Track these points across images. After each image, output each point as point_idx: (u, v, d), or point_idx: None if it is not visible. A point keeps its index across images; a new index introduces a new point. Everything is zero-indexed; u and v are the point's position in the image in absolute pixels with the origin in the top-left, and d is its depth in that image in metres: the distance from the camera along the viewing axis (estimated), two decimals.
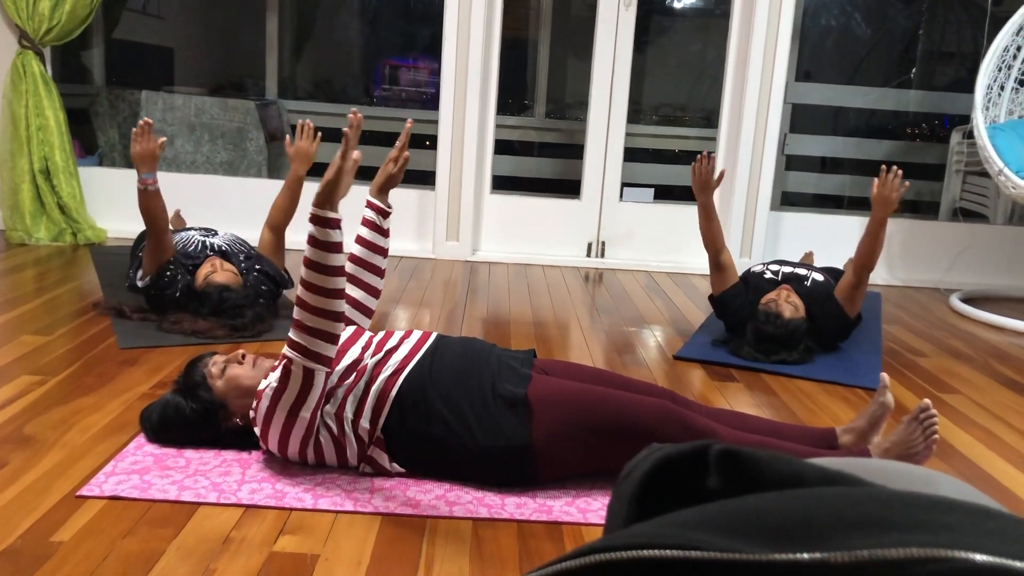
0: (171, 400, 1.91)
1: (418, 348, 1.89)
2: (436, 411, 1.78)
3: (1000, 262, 4.49)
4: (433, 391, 1.79)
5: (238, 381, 1.87)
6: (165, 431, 1.90)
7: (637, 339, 3.04)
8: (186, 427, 1.89)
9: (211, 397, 1.87)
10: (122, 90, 5.04)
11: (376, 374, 1.81)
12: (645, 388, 1.99)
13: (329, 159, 1.78)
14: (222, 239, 3.07)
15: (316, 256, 1.67)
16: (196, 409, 1.87)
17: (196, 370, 1.91)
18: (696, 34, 5.53)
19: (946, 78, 5.43)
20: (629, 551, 0.37)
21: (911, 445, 1.84)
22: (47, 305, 2.97)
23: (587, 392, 1.81)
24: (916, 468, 0.50)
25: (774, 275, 3.06)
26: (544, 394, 1.79)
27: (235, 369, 1.88)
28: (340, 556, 1.52)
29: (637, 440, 1.75)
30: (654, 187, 4.63)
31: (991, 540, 0.34)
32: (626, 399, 1.80)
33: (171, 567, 1.45)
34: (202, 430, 1.89)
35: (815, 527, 0.36)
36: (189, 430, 1.89)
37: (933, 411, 1.84)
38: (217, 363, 1.90)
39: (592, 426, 1.77)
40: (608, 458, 1.80)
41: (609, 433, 1.77)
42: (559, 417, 1.77)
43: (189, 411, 1.87)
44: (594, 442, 1.78)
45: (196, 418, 1.88)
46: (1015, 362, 3.04)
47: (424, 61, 5.57)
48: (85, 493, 1.68)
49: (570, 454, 1.79)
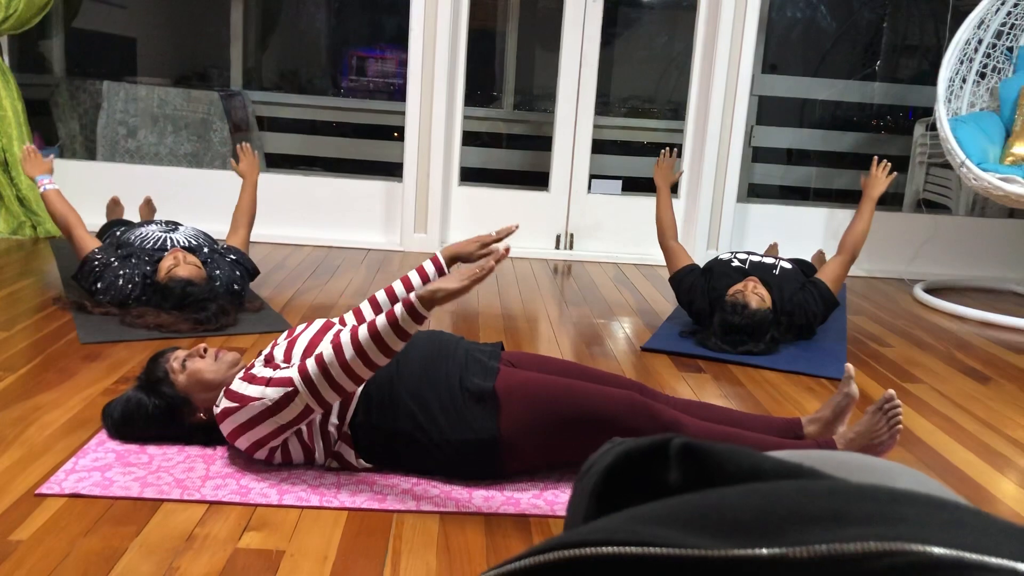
0: (133, 396, 1.88)
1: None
2: (403, 406, 1.77)
3: (962, 253, 4.56)
4: (400, 386, 1.78)
5: (201, 375, 1.85)
6: (127, 427, 1.87)
7: (605, 331, 3.05)
8: (149, 423, 1.86)
9: (174, 392, 1.85)
10: (83, 80, 4.95)
11: None
12: (613, 380, 2.00)
13: (298, 149, 1.74)
14: (183, 234, 3.02)
15: (389, 339, 1.61)
16: (159, 405, 1.85)
17: (158, 365, 1.88)
18: (663, 26, 5.55)
19: (910, 71, 5.49)
20: (587, 548, 0.36)
21: (875, 435, 1.86)
22: (7, 299, 2.91)
23: (554, 384, 1.81)
24: (876, 460, 0.51)
25: (741, 263, 3.09)
26: (511, 387, 1.79)
27: (197, 363, 1.86)
28: (306, 552, 1.50)
29: (604, 431, 1.75)
30: (622, 179, 4.64)
31: (948, 532, 0.34)
32: (593, 390, 1.80)
33: (133, 565, 1.43)
34: (165, 426, 1.87)
35: (774, 522, 0.36)
36: (152, 426, 1.86)
37: (897, 401, 1.86)
38: (179, 358, 1.88)
39: (559, 418, 1.76)
40: (576, 450, 1.79)
41: (576, 425, 1.76)
42: (526, 409, 1.76)
43: (152, 407, 1.85)
44: (561, 434, 1.77)
45: (159, 414, 1.85)
46: (976, 351, 3.09)
47: (392, 52, 5.54)
48: (45, 491, 1.65)
49: (537, 447, 1.78)
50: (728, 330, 2.76)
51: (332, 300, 3.22)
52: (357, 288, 3.43)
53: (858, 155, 5.39)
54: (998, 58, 4.01)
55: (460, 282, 1.61)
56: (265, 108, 5.36)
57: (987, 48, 3.98)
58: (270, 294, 3.23)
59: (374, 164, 5.22)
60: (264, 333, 2.73)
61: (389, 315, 1.60)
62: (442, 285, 1.61)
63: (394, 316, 1.60)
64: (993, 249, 4.56)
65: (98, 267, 2.80)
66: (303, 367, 1.65)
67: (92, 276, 2.80)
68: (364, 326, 1.63)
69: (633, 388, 1.99)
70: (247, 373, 1.74)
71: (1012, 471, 2.06)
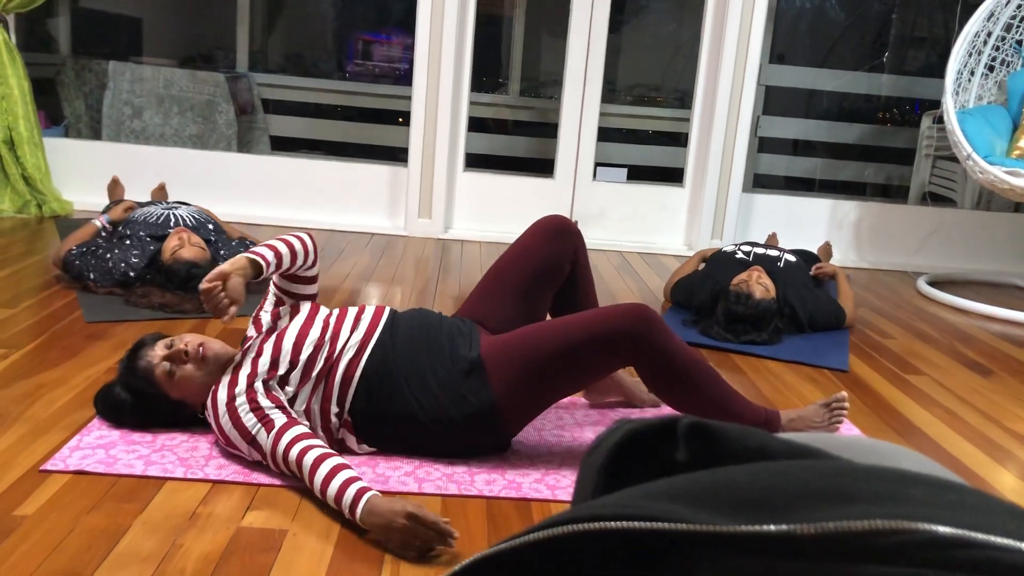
0: (120, 395, 1.83)
1: (375, 325, 1.84)
2: (401, 388, 1.77)
3: (967, 246, 4.55)
4: (395, 368, 1.78)
5: (191, 383, 1.79)
6: (118, 420, 1.86)
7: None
8: (139, 418, 1.85)
9: (159, 393, 1.80)
10: (89, 60, 4.95)
11: (337, 361, 1.78)
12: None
13: (303, 132, 1.74)
14: (187, 211, 3.02)
15: (312, 489, 1.60)
16: (147, 408, 1.83)
17: (137, 371, 1.80)
18: (671, 14, 5.53)
19: (918, 63, 5.47)
20: (596, 523, 0.37)
21: (814, 424, 1.94)
22: (11, 278, 2.92)
23: (533, 330, 1.79)
24: (883, 443, 0.51)
25: (745, 255, 3.09)
26: (494, 350, 1.78)
27: (184, 370, 1.78)
28: (308, 532, 1.51)
29: (600, 349, 1.71)
30: (627, 167, 4.63)
31: (953, 512, 0.34)
32: (573, 317, 1.78)
33: (137, 542, 1.44)
34: (153, 419, 1.85)
35: (781, 499, 0.36)
36: (143, 421, 1.86)
37: (845, 405, 1.94)
38: (163, 368, 1.78)
39: (548, 356, 1.73)
40: (578, 380, 1.78)
41: (569, 355, 1.72)
42: (515, 365, 1.75)
43: (139, 408, 1.83)
44: (557, 373, 1.74)
45: (149, 413, 1.84)
46: (979, 345, 3.09)
47: (398, 36, 5.52)
48: (49, 467, 1.66)
49: (537, 396, 1.78)
50: (732, 319, 2.76)
51: (336, 283, 3.23)
52: (361, 272, 3.44)
53: (864, 147, 5.38)
54: (1007, 51, 4.00)
55: (407, 547, 1.46)
56: (270, 90, 5.35)
57: (996, 41, 3.96)
58: None
59: (379, 148, 5.22)
60: None
61: (337, 496, 1.52)
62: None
63: (329, 494, 1.53)
64: (998, 243, 4.56)
65: (79, 262, 2.79)
66: (276, 455, 1.64)
67: (76, 270, 2.79)
68: (319, 484, 1.55)
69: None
70: (250, 393, 1.70)
71: (1012, 463, 2.07)
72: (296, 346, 1.78)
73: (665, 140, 5.33)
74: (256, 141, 5.22)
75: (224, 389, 1.73)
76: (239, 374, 1.73)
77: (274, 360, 1.75)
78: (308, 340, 1.79)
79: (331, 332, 1.82)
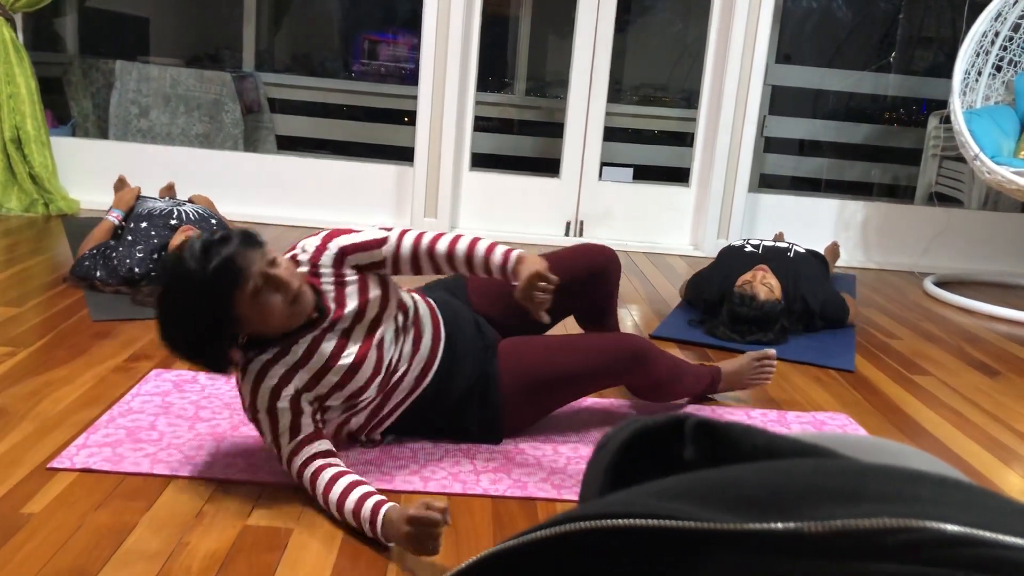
0: (192, 271, 1.49)
1: (433, 359, 1.82)
2: (435, 402, 1.85)
3: (974, 247, 4.54)
4: (443, 393, 1.85)
5: (268, 313, 1.55)
6: (162, 298, 1.55)
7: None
8: (183, 312, 1.54)
9: (228, 298, 1.52)
10: (96, 59, 4.96)
11: (388, 396, 1.78)
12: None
13: (309, 132, 1.72)
14: (191, 208, 3.04)
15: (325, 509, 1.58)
16: (203, 306, 1.52)
17: (233, 263, 1.50)
18: (677, 14, 5.52)
19: (925, 63, 5.46)
20: (604, 520, 0.37)
21: (744, 377, 2.23)
22: (18, 276, 2.93)
23: (544, 348, 1.92)
24: (890, 442, 0.51)
25: (755, 248, 3.08)
26: (508, 359, 1.90)
27: (272, 299, 1.55)
28: (314, 531, 1.51)
29: (604, 379, 1.94)
30: (633, 167, 4.63)
31: (961, 511, 0.34)
32: (587, 345, 1.93)
33: (143, 540, 1.44)
34: (186, 335, 1.56)
35: (789, 498, 0.36)
36: (182, 318, 1.55)
37: (772, 363, 2.23)
38: (257, 280, 1.52)
39: (552, 375, 1.90)
40: (579, 394, 1.98)
41: (571, 378, 1.91)
42: (522, 380, 1.89)
43: (197, 299, 1.51)
44: (558, 389, 1.93)
45: (196, 314, 1.53)
46: (986, 345, 3.08)
47: (404, 36, 5.53)
48: (56, 465, 1.66)
49: (539, 405, 1.94)
50: (736, 321, 2.76)
51: None
52: None
53: (871, 147, 5.37)
54: (1015, 51, 3.99)
55: (420, 549, 1.41)
56: (277, 90, 5.36)
57: (1004, 41, 3.95)
58: None
59: (385, 148, 5.22)
60: None
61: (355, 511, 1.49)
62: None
63: (344, 512, 1.51)
64: (1005, 243, 4.54)
65: (88, 262, 2.80)
66: (293, 465, 1.59)
67: (85, 271, 2.80)
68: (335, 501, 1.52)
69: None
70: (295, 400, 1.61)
71: (1019, 464, 2.06)
72: (353, 393, 1.70)
73: (671, 140, 5.32)
74: (262, 140, 5.23)
75: (277, 373, 1.61)
76: (297, 373, 1.63)
77: (328, 395, 1.67)
78: (365, 381, 1.70)
79: (386, 370, 1.73)
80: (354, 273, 1.72)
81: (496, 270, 1.72)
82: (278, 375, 1.61)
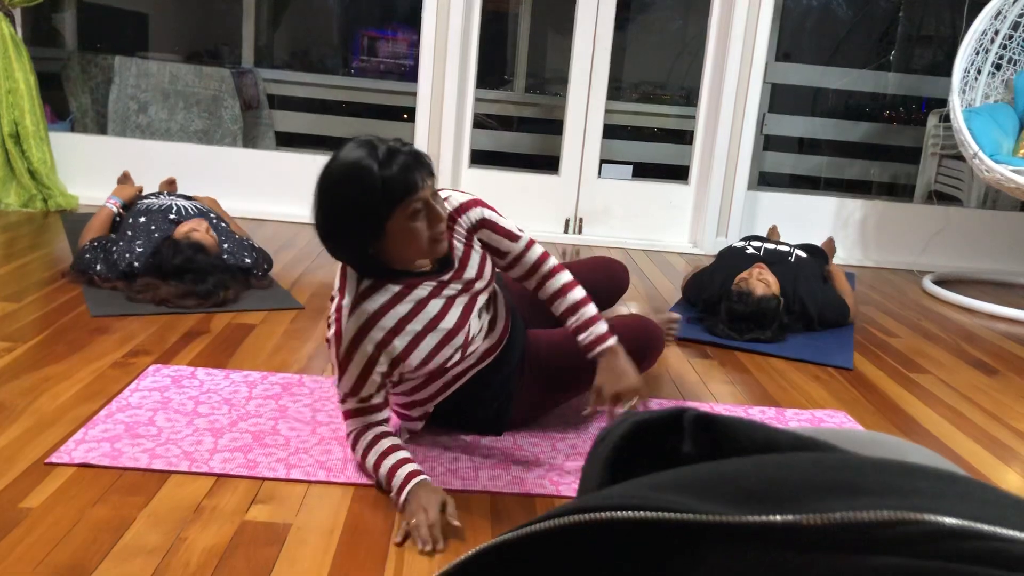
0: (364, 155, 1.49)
1: (503, 336, 1.85)
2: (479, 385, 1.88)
3: (973, 245, 4.54)
4: (496, 373, 1.87)
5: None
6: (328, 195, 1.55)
7: (613, 315, 3.05)
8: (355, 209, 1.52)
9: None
10: (94, 55, 4.95)
11: (457, 372, 1.80)
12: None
13: (308, 128, 1.72)
14: (191, 204, 3.05)
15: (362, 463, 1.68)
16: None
17: (408, 181, 1.49)
18: (677, 12, 5.52)
19: (924, 61, 5.46)
20: (602, 513, 0.37)
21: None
22: (17, 272, 2.93)
23: (559, 344, 1.95)
24: (888, 437, 0.51)
25: (755, 251, 3.08)
26: (529, 350, 1.93)
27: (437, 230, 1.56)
28: (312, 526, 1.52)
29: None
30: (633, 164, 4.63)
31: (959, 504, 0.34)
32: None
33: (141, 535, 1.44)
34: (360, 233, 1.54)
35: (788, 491, 0.36)
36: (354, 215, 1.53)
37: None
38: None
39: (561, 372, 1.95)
40: (578, 392, 2.02)
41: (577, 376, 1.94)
42: (537, 374, 1.92)
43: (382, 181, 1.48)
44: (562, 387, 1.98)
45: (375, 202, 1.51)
46: (985, 344, 3.08)
47: (403, 32, 5.52)
48: (55, 460, 1.66)
49: (546, 399, 1.97)
50: (734, 318, 2.76)
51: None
52: None
53: (870, 145, 5.37)
54: (1014, 49, 3.99)
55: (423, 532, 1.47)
56: (276, 86, 5.36)
57: (1003, 39, 3.95)
58: (279, 272, 3.24)
59: None
60: (273, 310, 2.74)
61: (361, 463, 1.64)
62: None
63: (368, 468, 1.64)
64: (1004, 242, 4.55)
65: (89, 255, 2.81)
66: (355, 449, 1.67)
67: (86, 263, 2.81)
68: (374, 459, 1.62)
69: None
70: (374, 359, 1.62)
71: (1017, 463, 2.07)
72: (436, 368, 1.72)
73: (671, 137, 5.32)
74: (261, 137, 5.23)
75: (386, 326, 1.61)
76: (403, 330, 1.63)
77: (417, 366, 1.69)
78: (452, 353, 1.72)
79: (465, 346, 1.74)
80: (479, 246, 1.74)
81: (581, 343, 1.79)
82: (386, 328, 1.61)
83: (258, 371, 2.21)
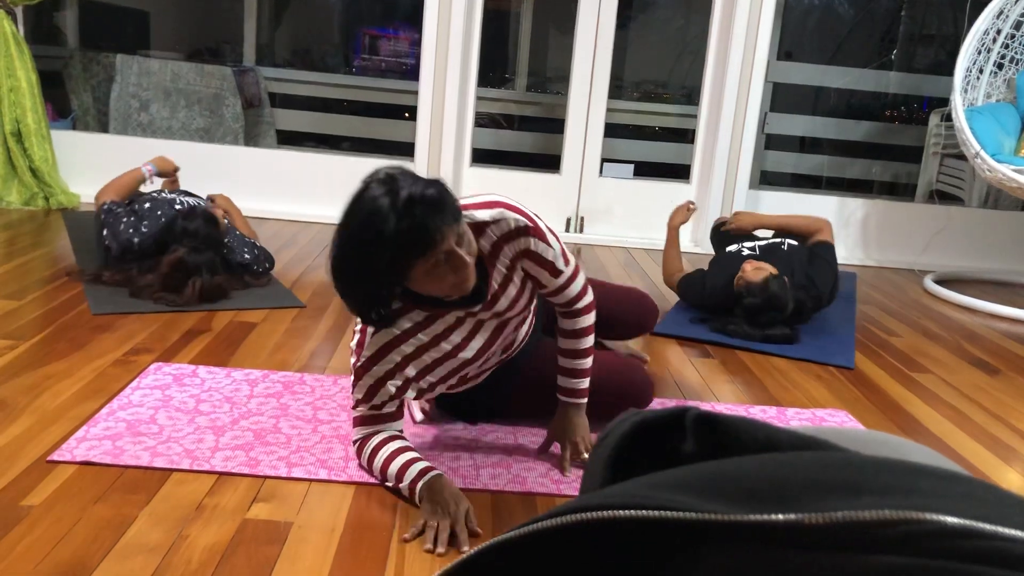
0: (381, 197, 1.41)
1: (524, 340, 1.91)
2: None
3: (974, 245, 4.54)
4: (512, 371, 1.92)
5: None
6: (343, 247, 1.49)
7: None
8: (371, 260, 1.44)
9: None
10: (96, 53, 4.95)
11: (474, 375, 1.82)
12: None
13: (309, 127, 1.73)
14: (195, 201, 3.07)
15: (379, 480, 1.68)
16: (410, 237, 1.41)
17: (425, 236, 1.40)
18: (679, 11, 5.52)
19: (926, 60, 5.45)
20: (604, 511, 0.37)
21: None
22: (18, 270, 2.93)
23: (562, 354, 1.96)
24: (890, 436, 0.51)
25: (751, 250, 3.09)
26: (537, 353, 1.96)
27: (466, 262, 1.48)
28: (313, 524, 1.52)
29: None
30: (634, 163, 4.63)
31: (961, 503, 0.34)
32: (600, 361, 1.98)
33: (143, 532, 1.44)
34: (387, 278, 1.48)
35: (790, 490, 0.36)
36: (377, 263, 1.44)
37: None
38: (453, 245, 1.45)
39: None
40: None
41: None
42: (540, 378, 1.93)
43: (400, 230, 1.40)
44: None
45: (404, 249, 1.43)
46: (986, 343, 3.08)
47: (405, 31, 5.52)
48: (56, 458, 1.66)
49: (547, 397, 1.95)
50: (753, 312, 2.76)
51: None
52: None
53: (872, 144, 5.36)
54: (1016, 49, 3.98)
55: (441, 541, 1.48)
56: (277, 84, 5.36)
57: (1005, 39, 3.94)
58: (279, 270, 3.24)
59: (385, 143, 5.22)
60: (274, 308, 2.74)
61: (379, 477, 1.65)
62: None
63: (384, 481, 1.64)
64: (1005, 241, 4.54)
65: (104, 216, 2.92)
66: (361, 453, 1.69)
67: (101, 225, 2.93)
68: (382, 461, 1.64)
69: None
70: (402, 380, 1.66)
71: (1018, 462, 2.06)
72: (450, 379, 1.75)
73: (672, 136, 5.32)
74: (263, 135, 5.23)
75: (403, 352, 1.63)
76: (420, 357, 1.65)
77: (433, 384, 1.72)
78: (468, 370, 1.76)
79: (481, 367, 1.80)
80: (520, 274, 1.69)
81: (559, 384, 1.84)
82: (404, 353, 1.63)
83: (259, 369, 2.21)
